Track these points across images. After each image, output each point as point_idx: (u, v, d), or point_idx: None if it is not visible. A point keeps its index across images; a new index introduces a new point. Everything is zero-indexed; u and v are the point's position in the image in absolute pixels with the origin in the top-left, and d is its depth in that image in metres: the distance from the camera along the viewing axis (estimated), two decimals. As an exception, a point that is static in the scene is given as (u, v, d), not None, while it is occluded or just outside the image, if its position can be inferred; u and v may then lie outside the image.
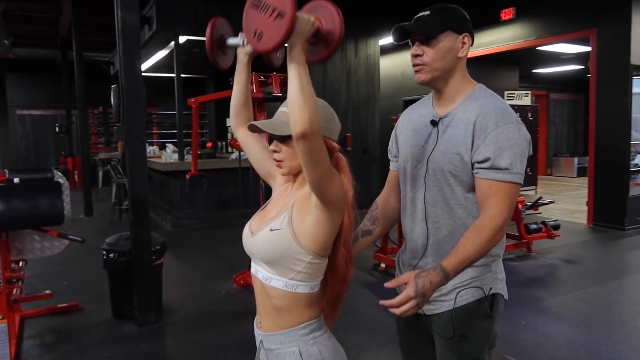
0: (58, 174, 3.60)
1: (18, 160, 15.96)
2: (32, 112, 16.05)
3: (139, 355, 3.20)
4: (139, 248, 3.58)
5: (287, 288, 1.25)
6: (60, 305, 3.95)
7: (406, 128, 1.60)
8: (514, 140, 1.35)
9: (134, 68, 3.48)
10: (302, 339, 1.27)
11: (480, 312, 1.45)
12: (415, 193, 1.52)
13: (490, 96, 1.45)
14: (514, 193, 1.35)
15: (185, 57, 9.32)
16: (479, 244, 1.29)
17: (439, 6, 1.44)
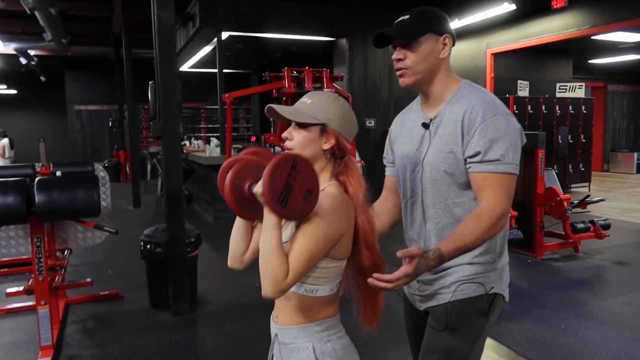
0: (99, 167, 3.75)
1: (76, 154, 16.80)
2: (89, 107, 16.83)
3: (171, 343, 3.29)
4: (174, 240, 3.68)
5: (306, 293, 1.26)
6: (103, 293, 4.13)
7: (399, 134, 1.60)
8: (504, 131, 1.34)
9: (169, 65, 3.56)
10: (317, 335, 1.27)
11: (477, 308, 1.43)
12: (416, 196, 1.52)
13: (477, 91, 1.45)
14: (509, 184, 1.35)
15: (228, 53, 9.49)
16: (476, 233, 1.30)
17: (418, 9, 1.45)
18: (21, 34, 12.11)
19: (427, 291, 1.50)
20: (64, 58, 14.99)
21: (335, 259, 1.24)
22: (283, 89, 3.83)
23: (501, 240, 1.47)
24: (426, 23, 1.42)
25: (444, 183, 1.43)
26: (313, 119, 1.26)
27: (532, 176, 5.05)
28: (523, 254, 5.21)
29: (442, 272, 1.45)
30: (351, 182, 1.30)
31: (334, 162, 1.32)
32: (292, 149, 1.29)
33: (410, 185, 1.53)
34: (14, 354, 3.17)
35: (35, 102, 18.85)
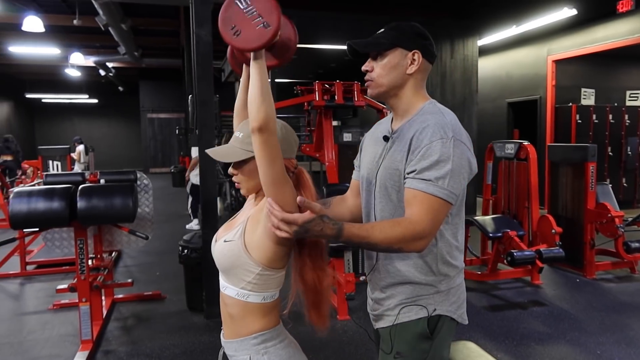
0: (143, 176, 4.01)
1: (147, 159, 17.86)
2: (160, 115, 17.85)
3: (199, 344, 3.45)
4: (208, 246, 3.83)
5: (238, 297, 1.33)
6: (146, 293, 4.40)
7: (367, 143, 1.61)
8: (446, 156, 1.30)
9: (206, 79, 3.75)
10: (253, 348, 1.33)
11: (418, 331, 1.42)
12: (369, 208, 1.52)
13: (436, 112, 1.41)
14: (439, 209, 1.29)
15: (285, 64, 9.72)
16: (385, 234, 1.26)
17: (393, 24, 1.46)
18: (100, 48, 13.13)
19: (377, 311, 1.51)
20: (139, 69, 16.02)
21: (270, 267, 1.30)
22: (313, 102, 3.92)
23: (444, 264, 1.42)
24: (395, 38, 1.43)
25: (390, 199, 1.42)
26: (246, 153, 1.31)
27: (581, 191, 4.79)
28: (571, 272, 4.95)
29: (389, 291, 1.46)
30: (304, 194, 1.35)
31: None
32: (240, 183, 1.37)
33: (366, 196, 1.54)
34: (60, 345, 3.46)
35: (113, 111, 20.25)
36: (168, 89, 17.37)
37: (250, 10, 1.16)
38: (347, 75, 6.48)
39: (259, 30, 1.15)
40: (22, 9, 8.73)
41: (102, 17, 8.30)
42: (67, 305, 4.12)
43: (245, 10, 1.17)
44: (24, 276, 5.11)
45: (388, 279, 1.46)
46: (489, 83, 9.78)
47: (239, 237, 1.31)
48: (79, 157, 10.49)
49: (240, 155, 1.33)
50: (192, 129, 3.38)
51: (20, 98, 18.37)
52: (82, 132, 17.28)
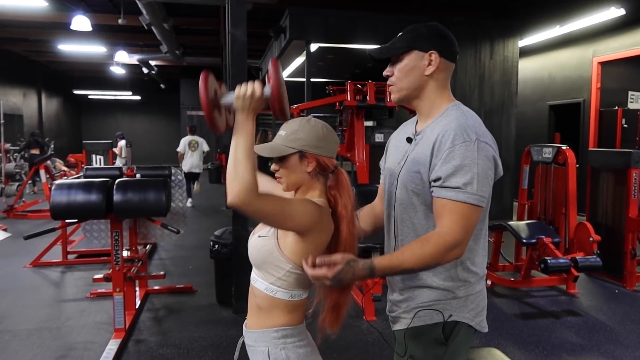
0: (177, 171, 4.13)
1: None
2: (200, 112, 18.19)
3: (225, 338, 3.52)
4: (238, 242, 3.92)
5: (267, 291, 1.38)
6: (178, 286, 4.52)
7: (392, 144, 1.61)
8: (471, 159, 1.28)
9: (240, 78, 3.81)
10: (273, 341, 1.37)
11: (433, 336, 1.40)
12: (389, 209, 1.52)
13: (459, 114, 1.39)
14: (469, 215, 1.29)
15: (321, 63, 9.78)
16: (417, 256, 1.27)
17: (410, 27, 1.45)
18: (143, 47, 13.53)
19: (394, 313, 1.50)
20: (180, 67, 16.42)
21: (301, 266, 1.32)
22: (345, 102, 3.93)
23: (464, 270, 1.40)
24: (411, 40, 1.41)
25: (411, 202, 1.42)
26: (288, 149, 1.38)
27: (623, 198, 4.61)
28: (610, 282, 4.77)
29: (407, 294, 1.45)
30: (341, 195, 1.41)
31: (324, 179, 1.43)
32: (281, 177, 1.43)
33: (387, 198, 1.53)
34: (94, 332, 3.60)
35: (154, 107, 20.84)
36: (208, 87, 17.72)
37: None
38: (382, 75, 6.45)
39: None
40: (71, 8, 9.09)
41: (146, 16, 8.55)
42: (103, 294, 4.28)
43: None
44: (65, 265, 5.33)
45: (406, 281, 1.45)
46: (529, 85, 9.52)
47: (272, 233, 1.36)
48: (121, 152, 10.85)
49: (281, 152, 1.38)
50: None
51: (68, 94, 19.15)
52: (125, 127, 17.86)
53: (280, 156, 1.39)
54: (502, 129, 8.26)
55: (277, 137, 1.42)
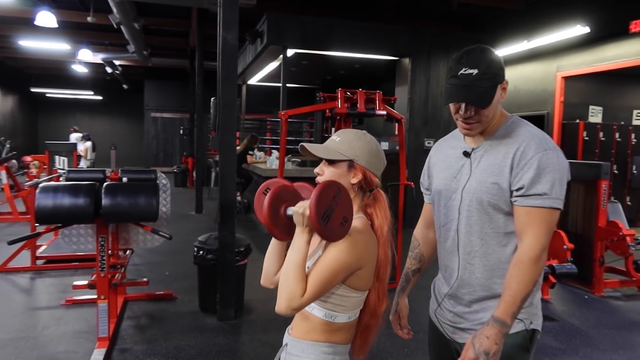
0: (162, 175, 4.03)
1: (149, 158, 17.84)
2: (164, 114, 17.86)
3: (214, 347, 3.46)
4: (224, 248, 3.87)
5: (326, 318, 1.35)
6: (158, 293, 4.40)
7: (438, 160, 1.63)
8: (553, 166, 1.36)
9: (230, 82, 3.78)
10: (323, 355, 1.35)
11: (519, 345, 1.43)
12: (450, 223, 1.53)
13: (527, 126, 1.47)
14: (552, 219, 1.37)
15: (294, 69, 9.79)
16: (522, 280, 1.34)
17: (485, 62, 1.40)
18: (108, 46, 13.15)
19: (462, 324, 1.51)
20: (145, 68, 16.05)
21: (355, 289, 1.33)
22: (336, 109, 3.95)
23: None
24: (494, 78, 1.41)
25: (485, 212, 1.43)
26: (341, 155, 1.38)
27: (593, 208, 4.83)
28: (580, 289, 4.98)
29: (477, 305, 1.47)
30: (377, 215, 1.40)
31: (363, 195, 1.42)
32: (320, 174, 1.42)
33: (445, 212, 1.55)
34: (75, 342, 3.46)
35: (116, 108, 20.27)
36: (173, 88, 17.40)
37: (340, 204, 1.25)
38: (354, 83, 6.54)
39: (340, 228, 1.25)
40: (36, 3, 8.74)
41: (116, 15, 8.31)
42: (80, 302, 4.12)
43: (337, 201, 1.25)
44: (34, 270, 5.10)
45: (479, 292, 1.46)
46: (496, 96, 9.86)
47: None
48: (86, 154, 10.49)
49: (334, 155, 1.39)
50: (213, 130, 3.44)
51: (25, 92, 18.36)
52: (84, 128, 17.24)
53: (331, 159, 1.39)
54: (471, 139, 8.50)
55: (331, 142, 1.42)
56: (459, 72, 1.40)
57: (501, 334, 1.33)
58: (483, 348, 1.31)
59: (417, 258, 1.72)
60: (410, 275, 1.72)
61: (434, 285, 1.68)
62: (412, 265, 1.72)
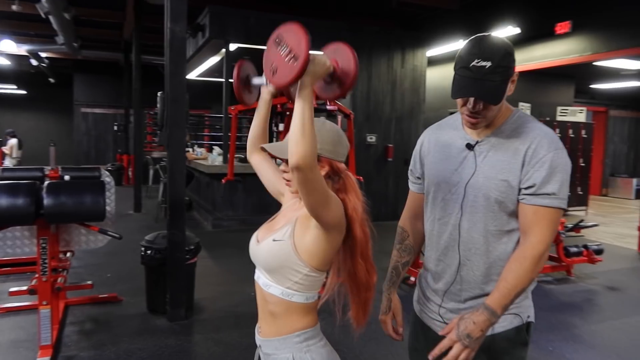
0: (105, 173, 3.85)
1: (80, 155, 16.94)
2: (95, 110, 17.00)
3: (166, 348, 3.36)
4: (174, 247, 3.77)
5: (283, 296, 1.34)
6: (101, 296, 4.21)
7: (432, 149, 1.55)
8: (562, 167, 1.34)
9: (179, 76, 3.68)
10: (296, 346, 1.35)
11: (519, 340, 1.44)
12: (449, 218, 1.48)
13: (535, 121, 1.43)
14: (557, 218, 1.36)
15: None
16: (520, 275, 1.32)
17: (498, 54, 1.31)
18: (34, 37, 12.32)
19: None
20: (74, 61, 15.20)
21: (316, 269, 1.33)
22: (287, 104, 3.94)
23: None
24: (507, 72, 1.33)
25: (490, 210, 1.40)
26: None
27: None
28: (516, 274, 5.28)
29: (473, 302, 1.45)
30: (350, 199, 1.38)
31: (332, 183, 1.41)
32: (291, 180, 1.38)
33: (442, 205, 1.49)
34: (13, 352, 3.25)
35: (43, 103, 19.04)
36: (105, 83, 16.59)
37: (283, 45, 1.20)
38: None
39: (289, 65, 1.18)
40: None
41: (45, 4, 7.80)
42: (16, 309, 3.87)
43: (279, 47, 1.20)
44: (-42, 278, 4.72)
45: (476, 289, 1.45)
46: (432, 93, 10.19)
47: (288, 237, 1.33)
48: (11, 152, 9.81)
49: None
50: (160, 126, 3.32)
51: (-64, 85, 16.86)
52: (7, 124, 16.09)
53: None
54: (411, 134, 8.76)
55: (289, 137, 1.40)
56: (471, 63, 1.31)
57: (488, 323, 1.31)
58: (467, 332, 1.30)
59: (407, 250, 1.65)
60: (400, 269, 1.65)
61: (419, 279, 1.65)
62: (401, 257, 1.65)
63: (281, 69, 1.19)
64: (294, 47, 1.17)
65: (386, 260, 1.71)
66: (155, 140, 14.82)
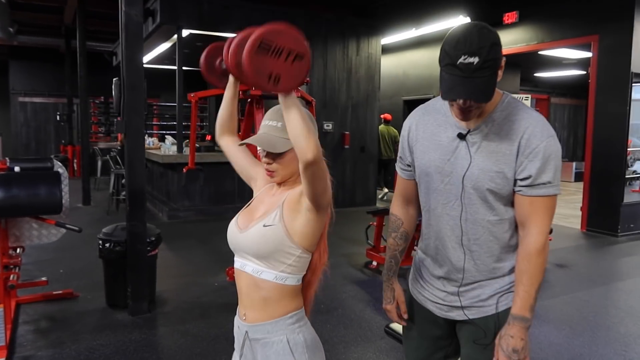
0: (58, 163, 3.65)
1: (18, 148, 16.02)
2: (34, 99, 16.10)
3: (131, 343, 3.26)
4: (135, 239, 3.64)
5: (277, 280, 1.33)
6: (56, 293, 4.02)
7: (422, 137, 1.51)
8: (555, 154, 1.35)
9: (136, 62, 3.53)
10: (289, 327, 1.35)
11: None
12: (446, 209, 1.46)
13: (525, 107, 1.41)
14: (553, 205, 1.38)
15: (188, 51, 9.34)
16: (533, 273, 1.36)
17: (485, 47, 1.24)
18: (-37, 20, 11.48)
19: (458, 303, 1.50)
20: (10, 47, 14.29)
21: (307, 250, 1.35)
22: (250, 91, 3.87)
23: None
24: (495, 64, 1.27)
25: (489, 200, 1.40)
26: (289, 143, 1.26)
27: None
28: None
29: (471, 285, 1.47)
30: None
31: None
32: (275, 171, 1.37)
33: (435, 195, 1.48)
34: (-38, 355, 3.06)
35: (-26, 92, 17.82)
36: (45, 71, 15.70)
37: (276, 50, 1.10)
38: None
39: (296, 65, 1.12)
40: None
41: (-23, -16, 7.30)
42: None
43: (272, 54, 1.10)
44: None
45: (477, 276, 1.46)
46: (386, 81, 10.33)
47: (278, 220, 1.32)
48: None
49: (283, 146, 1.33)
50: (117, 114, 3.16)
51: None
52: None
53: (279, 152, 1.34)
54: (367, 121, 8.85)
55: (269, 129, 1.36)
56: (458, 60, 1.23)
57: (524, 329, 1.35)
58: (511, 347, 1.34)
59: (403, 237, 1.63)
60: (399, 257, 1.64)
61: (416, 263, 1.66)
62: (398, 245, 1.64)
63: (287, 73, 1.12)
64: (292, 46, 1.11)
65: (346, 246, 1.73)
66: (102, 130, 14.26)
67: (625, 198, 6.77)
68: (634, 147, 8.41)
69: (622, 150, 6.69)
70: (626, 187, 7.07)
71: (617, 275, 5.25)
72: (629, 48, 6.44)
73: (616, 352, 3.29)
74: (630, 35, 6.42)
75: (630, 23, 6.42)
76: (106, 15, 9.85)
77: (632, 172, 8.13)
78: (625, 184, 6.99)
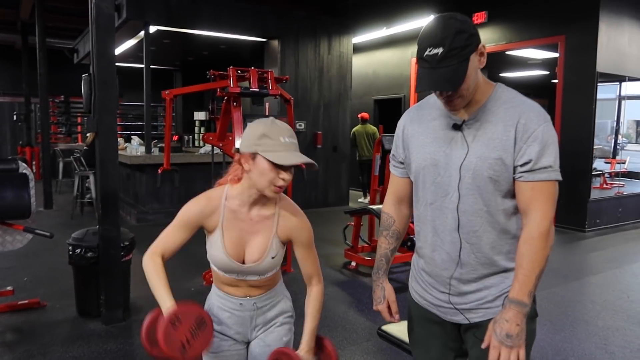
0: (23, 165, 3.44)
1: (-28, 149, 15.24)
2: (-8, 99, 15.35)
3: (107, 354, 3.09)
4: (108, 244, 3.46)
5: (276, 269, 1.67)
6: (21, 302, 3.79)
7: (417, 132, 1.49)
8: (552, 138, 1.33)
9: (107, 56, 3.35)
10: (281, 288, 1.74)
11: (529, 314, 1.38)
12: (444, 201, 1.43)
13: (518, 94, 1.40)
14: (555, 191, 1.35)
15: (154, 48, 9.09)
16: (534, 257, 1.31)
17: (449, 37, 1.25)
18: None
19: (464, 305, 1.46)
20: (-40, 43, 13.57)
21: None
22: (228, 89, 3.74)
23: None
24: (463, 51, 1.26)
25: (487, 190, 1.36)
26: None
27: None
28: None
29: (475, 284, 1.43)
30: None
31: None
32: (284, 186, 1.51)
33: (433, 189, 1.44)
34: None
35: None
36: (0, 68, 15.01)
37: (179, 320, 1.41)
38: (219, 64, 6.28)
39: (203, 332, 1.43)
40: None
41: None
42: None
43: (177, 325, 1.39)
44: None
45: (479, 271, 1.42)
46: (357, 80, 10.32)
47: (280, 248, 1.61)
48: None
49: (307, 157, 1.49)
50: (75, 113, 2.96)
51: None
52: None
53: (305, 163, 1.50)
54: (339, 120, 8.81)
55: (293, 145, 1.47)
56: (425, 53, 1.27)
57: (521, 315, 1.29)
58: (504, 332, 1.28)
59: (394, 236, 1.61)
60: (390, 255, 1.62)
61: (415, 265, 1.61)
62: (390, 244, 1.61)
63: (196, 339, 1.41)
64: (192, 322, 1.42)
65: (323, 246, 1.90)
66: (62, 131, 13.70)
67: (590, 194, 6.96)
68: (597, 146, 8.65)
69: (589, 149, 6.87)
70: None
71: (588, 270, 5.38)
72: (594, 48, 6.63)
73: (597, 346, 3.34)
74: (596, 35, 6.60)
75: (595, 23, 6.60)
76: (66, 10, 9.47)
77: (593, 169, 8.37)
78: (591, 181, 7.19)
